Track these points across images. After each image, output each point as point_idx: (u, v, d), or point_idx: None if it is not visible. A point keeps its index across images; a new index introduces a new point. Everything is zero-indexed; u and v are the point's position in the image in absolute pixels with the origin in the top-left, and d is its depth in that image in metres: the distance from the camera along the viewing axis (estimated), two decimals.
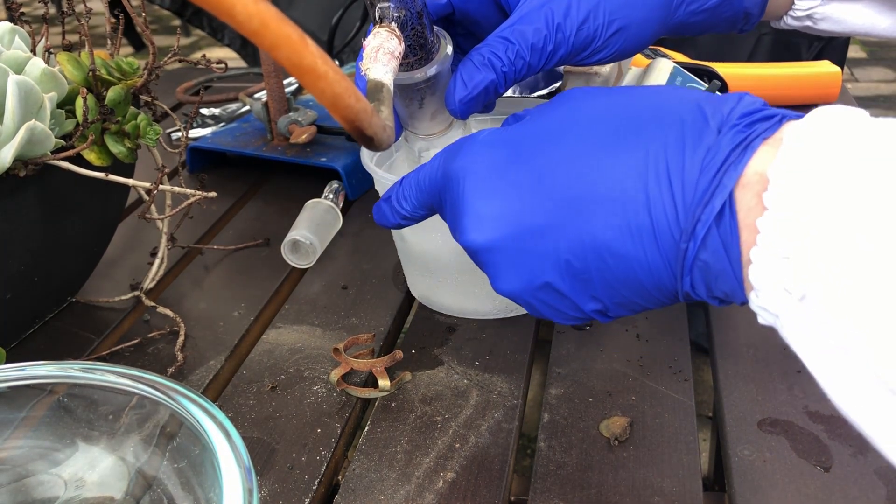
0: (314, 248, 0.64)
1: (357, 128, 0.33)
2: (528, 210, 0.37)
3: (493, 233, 0.38)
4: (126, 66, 0.55)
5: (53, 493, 0.39)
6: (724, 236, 0.32)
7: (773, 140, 0.32)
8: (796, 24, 0.52)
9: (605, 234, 0.34)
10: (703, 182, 0.32)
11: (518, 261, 0.38)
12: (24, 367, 0.38)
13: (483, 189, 0.38)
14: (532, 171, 0.37)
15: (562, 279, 0.37)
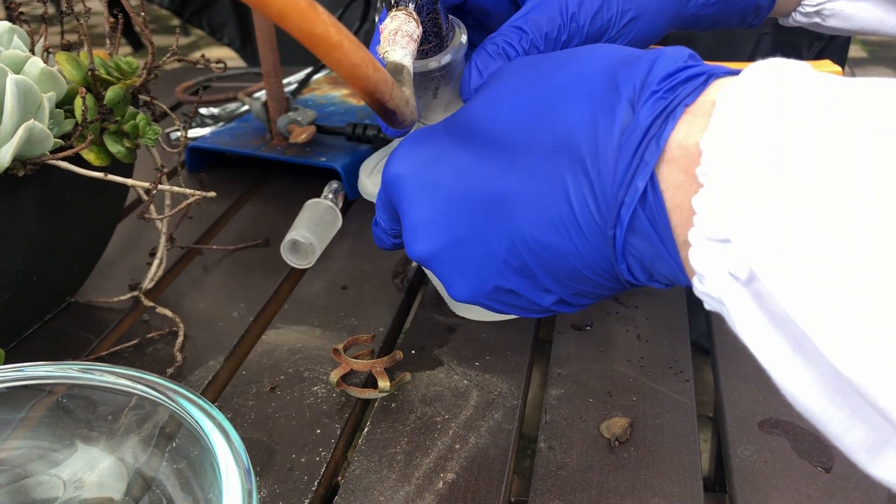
0: (313, 248, 0.64)
1: (377, 100, 0.31)
2: (454, 214, 0.36)
3: (429, 242, 0.37)
4: (125, 65, 0.55)
5: (52, 494, 0.39)
6: (651, 218, 0.30)
7: (699, 104, 0.29)
8: (804, 21, 0.51)
9: (531, 230, 0.33)
10: (622, 162, 0.30)
11: (461, 267, 0.37)
12: (22, 368, 0.38)
13: (414, 196, 0.38)
14: (454, 170, 0.36)
15: (507, 279, 0.36)
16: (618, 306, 0.58)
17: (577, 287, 0.35)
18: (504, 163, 0.34)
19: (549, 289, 0.36)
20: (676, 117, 0.29)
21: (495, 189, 0.34)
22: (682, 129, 0.29)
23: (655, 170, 0.29)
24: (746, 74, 0.28)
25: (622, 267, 0.32)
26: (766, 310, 0.27)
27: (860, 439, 0.25)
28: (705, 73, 0.30)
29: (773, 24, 1.18)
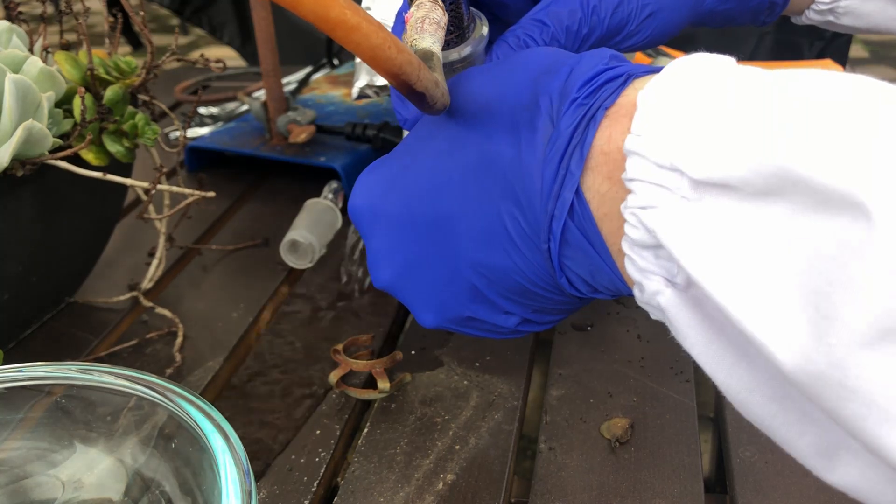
0: (313, 248, 0.64)
1: (404, 83, 0.29)
2: (405, 241, 0.36)
3: (387, 272, 0.37)
4: (124, 65, 0.55)
5: (51, 495, 0.39)
6: (582, 230, 0.29)
7: (618, 107, 0.28)
8: (818, 19, 0.51)
9: (473, 251, 0.33)
10: (548, 174, 0.29)
11: (421, 294, 0.37)
12: (21, 368, 0.38)
13: (370, 226, 0.37)
14: (401, 196, 0.36)
15: (464, 305, 0.35)
16: (618, 307, 0.58)
17: (532, 304, 0.34)
18: (438, 185, 0.34)
19: (508, 311, 0.35)
20: (597, 123, 0.28)
21: (436, 212, 0.34)
22: (603, 135, 0.28)
23: (581, 179, 0.29)
24: (667, 71, 0.27)
25: (562, 281, 0.32)
26: (706, 316, 0.26)
27: (812, 444, 0.25)
28: (624, 73, 0.29)
29: (774, 23, 1.18)
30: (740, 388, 0.26)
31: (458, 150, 0.33)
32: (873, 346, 0.20)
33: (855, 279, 0.20)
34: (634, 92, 0.28)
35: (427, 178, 0.34)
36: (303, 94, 0.92)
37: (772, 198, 0.23)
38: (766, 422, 0.26)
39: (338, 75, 0.97)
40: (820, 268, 0.21)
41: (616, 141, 0.28)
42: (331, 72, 0.98)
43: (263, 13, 0.74)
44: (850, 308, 0.20)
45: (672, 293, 0.26)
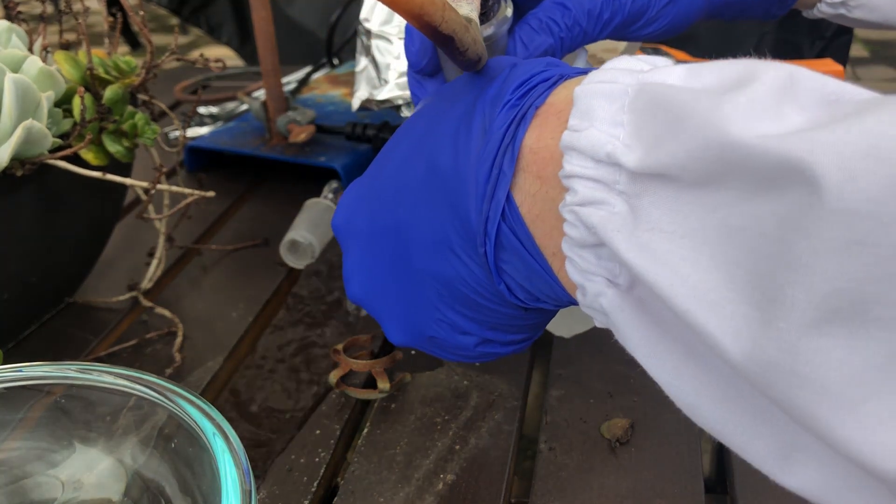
0: (313, 248, 0.64)
1: (428, 24, 0.27)
2: (370, 257, 0.36)
3: (358, 287, 0.37)
4: (124, 64, 0.55)
5: (51, 495, 0.39)
6: (514, 231, 0.29)
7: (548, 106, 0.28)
8: (830, 12, 0.51)
9: (420, 258, 0.33)
10: (481, 175, 0.29)
11: (389, 311, 0.36)
12: (21, 368, 0.38)
13: (344, 242, 0.38)
14: (366, 212, 0.36)
15: (427, 324, 0.35)
16: None
17: (483, 319, 0.34)
18: (396, 196, 0.34)
19: (465, 329, 0.34)
20: (527, 122, 0.28)
21: (395, 223, 0.34)
22: (532, 134, 0.28)
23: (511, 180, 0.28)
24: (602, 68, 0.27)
25: (501, 287, 0.31)
26: (650, 316, 0.25)
27: (766, 446, 0.24)
28: (556, 75, 0.29)
29: (774, 22, 1.18)
30: (688, 391, 0.25)
31: (412, 159, 0.33)
32: (823, 328, 0.19)
33: (801, 258, 0.19)
34: (565, 91, 0.28)
35: (387, 189, 0.35)
36: (303, 93, 0.92)
37: (713, 185, 0.22)
38: (717, 426, 0.25)
39: (338, 75, 0.97)
40: (765, 250, 0.21)
41: (545, 139, 0.28)
42: (331, 71, 0.98)
43: (263, 13, 0.74)
44: (798, 289, 0.19)
45: (614, 294, 0.26)
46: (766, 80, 0.23)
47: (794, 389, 0.20)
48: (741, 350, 0.21)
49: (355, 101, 0.69)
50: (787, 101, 0.22)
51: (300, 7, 1.42)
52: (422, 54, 0.40)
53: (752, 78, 0.23)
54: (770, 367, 0.20)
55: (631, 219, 0.24)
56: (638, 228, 0.24)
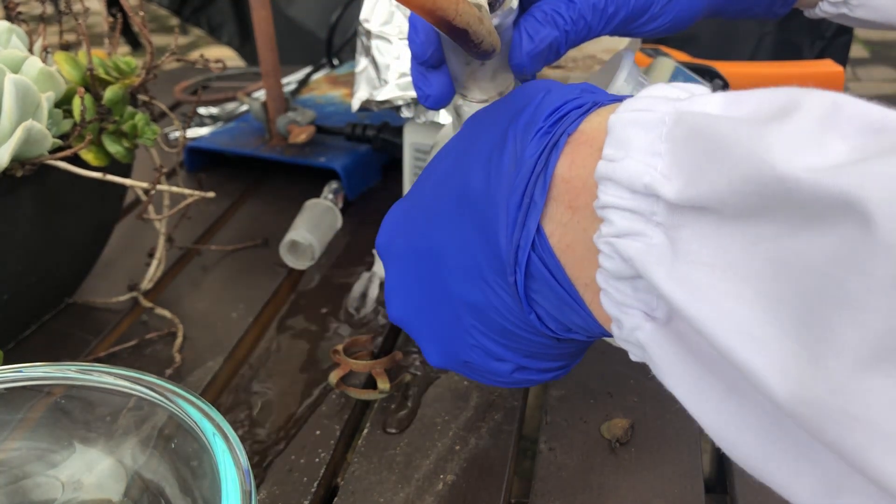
0: (313, 248, 0.64)
1: (441, 19, 0.27)
2: (409, 278, 0.36)
3: (397, 308, 0.37)
4: (124, 65, 0.55)
5: (51, 496, 0.39)
6: (543, 261, 0.28)
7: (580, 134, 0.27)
8: (831, 11, 0.51)
9: (454, 285, 0.33)
10: (513, 204, 0.28)
11: (427, 332, 0.36)
12: (21, 369, 0.38)
13: (386, 261, 0.37)
14: (405, 233, 0.36)
15: (463, 348, 0.34)
16: None
17: (518, 347, 0.33)
18: (432, 220, 0.34)
19: (499, 356, 0.34)
20: (559, 150, 0.27)
21: (431, 248, 0.34)
22: (565, 162, 0.27)
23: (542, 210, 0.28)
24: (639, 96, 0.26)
25: (532, 317, 0.31)
26: (690, 351, 0.24)
27: (811, 485, 0.23)
28: (590, 101, 0.29)
29: (774, 23, 1.18)
30: (730, 428, 0.24)
31: (447, 183, 0.33)
32: (877, 367, 0.19)
33: (853, 295, 0.19)
34: (598, 118, 0.28)
35: (425, 213, 0.34)
36: (302, 94, 0.92)
37: (756, 218, 0.22)
38: (759, 464, 0.24)
39: (337, 75, 0.97)
40: (812, 287, 0.20)
41: (577, 167, 0.27)
42: (331, 72, 0.98)
43: (263, 13, 0.74)
44: (849, 327, 0.19)
45: (652, 327, 0.25)
46: (810, 108, 0.22)
47: (844, 430, 0.19)
48: (788, 389, 0.20)
49: (355, 101, 0.69)
50: (830, 130, 0.21)
51: (300, 7, 1.42)
52: (426, 45, 0.40)
53: (794, 107, 0.22)
54: (819, 406, 0.20)
55: (669, 251, 0.23)
56: (677, 261, 0.23)
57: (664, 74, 0.69)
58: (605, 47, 0.65)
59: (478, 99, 0.44)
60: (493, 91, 0.44)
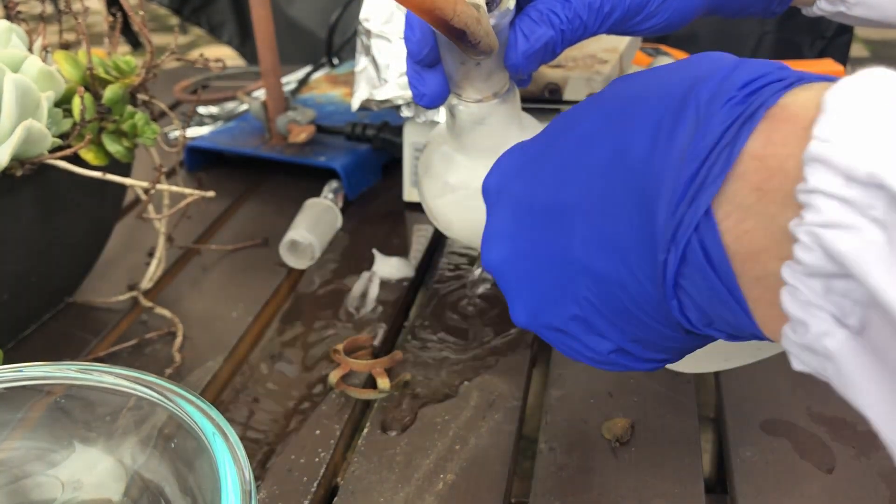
0: (313, 248, 0.64)
1: (439, 19, 0.26)
2: (520, 226, 0.33)
3: (497, 254, 0.34)
4: (123, 64, 0.55)
5: (51, 495, 0.39)
6: (705, 244, 0.25)
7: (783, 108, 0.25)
8: (829, 9, 0.51)
9: (583, 250, 0.30)
10: (685, 175, 0.25)
11: (521, 287, 0.34)
12: (20, 368, 0.38)
13: (494, 203, 0.35)
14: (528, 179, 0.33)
15: (562, 314, 0.32)
16: None
17: (631, 330, 0.31)
18: (567, 175, 0.31)
19: (603, 333, 0.31)
20: (754, 124, 0.24)
21: (557, 204, 0.31)
22: (759, 138, 0.24)
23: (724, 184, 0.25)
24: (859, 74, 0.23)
25: (672, 303, 0.28)
26: (887, 366, 0.21)
27: None
28: (793, 76, 0.26)
29: (774, 22, 1.18)
30: None
31: (594, 143, 0.30)
32: None
33: None
34: (807, 93, 0.25)
35: (557, 166, 0.32)
36: (302, 93, 0.92)
37: None
38: None
39: (337, 75, 0.97)
40: None
41: (776, 145, 0.24)
42: (330, 71, 0.98)
43: (263, 12, 0.74)
44: None
45: (845, 336, 0.22)
46: None
47: None
48: None
49: (355, 100, 0.69)
50: None
51: (300, 7, 1.42)
52: (423, 44, 0.40)
53: None
54: None
55: (889, 251, 0.20)
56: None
57: None
58: (605, 46, 0.64)
59: (473, 98, 0.44)
60: (487, 91, 0.44)
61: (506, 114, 0.46)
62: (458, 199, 0.49)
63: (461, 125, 0.46)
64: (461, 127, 0.46)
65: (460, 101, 0.45)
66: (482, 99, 0.44)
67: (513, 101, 0.46)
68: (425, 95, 0.43)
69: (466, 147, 0.48)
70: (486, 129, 0.46)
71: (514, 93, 0.46)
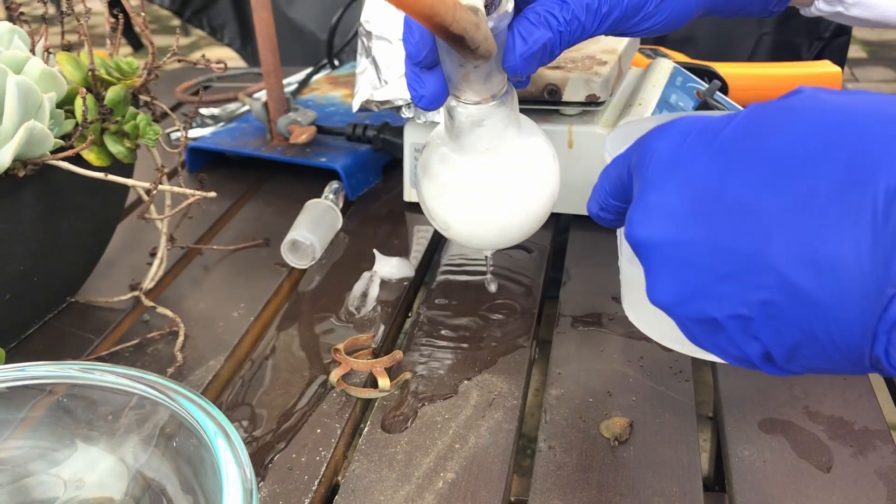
0: (314, 248, 0.64)
1: (439, 25, 0.26)
2: (698, 209, 0.31)
3: (656, 229, 0.32)
4: (125, 65, 0.55)
5: (53, 494, 0.39)
6: None
7: None
8: (827, 10, 0.51)
9: (781, 259, 0.28)
10: None
11: (676, 268, 0.32)
12: (23, 368, 0.38)
13: (662, 173, 0.32)
14: (717, 163, 0.31)
15: (719, 305, 0.30)
16: (617, 306, 0.58)
17: (798, 350, 0.29)
18: (778, 178, 0.29)
19: (759, 338, 0.30)
20: None
21: (758, 202, 0.29)
22: None
23: None
24: None
25: (880, 341, 0.26)
26: None
27: None
28: None
29: (772, 24, 1.18)
30: None
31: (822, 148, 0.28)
32: None
33: None
34: None
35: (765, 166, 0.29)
36: (303, 94, 0.92)
37: None
38: None
39: (338, 76, 0.97)
40: None
41: None
42: (331, 72, 0.99)
43: (264, 14, 0.74)
44: None
45: None
46: None
47: None
48: None
49: (356, 102, 0.70)
50: None
51: (301, 8, 1.42)
52: (421, 46, 0.40)
53: None
54: None
55: None
56: None
57: (663, 75, 0.69)
58: (604, 48, 0.65)
59: (471, 100, 0.45)
60: (486, 93, 0.44)
61: (504, 115, 0.46)
62: (457, 199, 0.50)
63: (459, 127, 0.46)
64: (459, 128, 0.46)
65: (459, 103, 0.45)
66: (481, 101, 0.45)
67: (511, 103, 0.46)
68: (424, 97, 0.43)
69: (465, 148, 0.48)
70: (485, 131, 0.46)
71: (512, 95, 0.46)
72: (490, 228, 0.50)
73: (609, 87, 0.62)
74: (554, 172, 0.51)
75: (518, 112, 0.49)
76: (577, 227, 0.68)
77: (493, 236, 0.51)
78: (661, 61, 0.71)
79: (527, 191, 0.49)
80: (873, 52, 3.11)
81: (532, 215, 0.50)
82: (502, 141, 0.48)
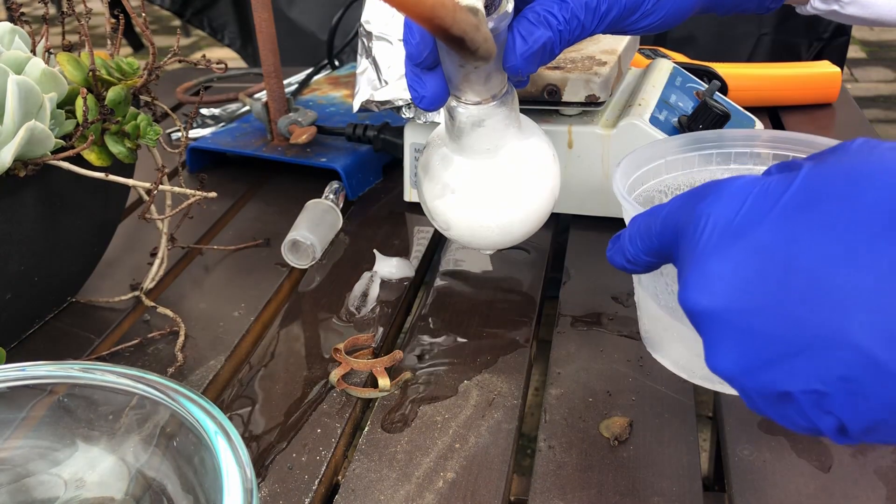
0: (314, 248, 0.64)
1: (439, 27, 0.26)
2: (767, 280, 0.30)
3: (718, 299, 0.31)
4: (126, 66, 0.55)
5: (53, 494, 0.39)
6: None
7: None
8: (822, 9, 0.51)
9: (859, 334, 0.27)
10: None
11: (742, 338, 0.31)
12: (24, 368, 0.38)
13: (724, 244, 0.31)
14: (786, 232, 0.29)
15: (791, 377, 0.29)
16: (617, 306, 0.58)
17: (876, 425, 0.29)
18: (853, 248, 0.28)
19: (834, 412, 0.29)
20: None
21: (833, 275, 0.28)
22: None
23: None
24: None
25: None
26: None
27: None
28: None
29: (772, 24, 1.18)
30: None
31: None
32: None
33: None
34: None
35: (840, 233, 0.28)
36: (304, 95, 0.92)
37: None
38: None
39: (338, 76, 0.97)
40: None
41: None
42: (331, 73, 0.99)
43: (265, 14, 0.74)
44: None
45: None
46: None
47: None
48: None
49: (356, 102, 0.70)
50: None
51: (301, 9, 1.42)
52: (422, 47, 0.40)
53: None
54: None
55: None
56: None
57: (662, 76, 0.69)
58: (603, 48, 0.65)
59: (472, 101, 0.45)
60: (486, 93, 0.45)
61: (504, 116, 0.46)
62: (457, 199, 0.50)
63: (460, 127, 0.46)
64: (460, 129, 0.46)
65: (459, 104, 0.45)
66: (481, 101, 0.45)
67: (511, 104, 0.47)
68: (425, 98, 0.43)
69: (465, 148, 0.48)
70: (485, 131, 0.46)
71: (512, 95, 0.46)
72: (491, 228, 0.50)
73: (609, 87, 0.62)
74: (554, 172, 0.51)
75: (518, 112, 0.49)
76: (576, 227, 0.68)
77: (493, 236, 0.51)
78: (661, 62, 0.71)
79: (527, 191, 0.49)
80: (872, 53, 3.12)
81: (532, 215, 0.51)
82: (503, 141, 0.48)
